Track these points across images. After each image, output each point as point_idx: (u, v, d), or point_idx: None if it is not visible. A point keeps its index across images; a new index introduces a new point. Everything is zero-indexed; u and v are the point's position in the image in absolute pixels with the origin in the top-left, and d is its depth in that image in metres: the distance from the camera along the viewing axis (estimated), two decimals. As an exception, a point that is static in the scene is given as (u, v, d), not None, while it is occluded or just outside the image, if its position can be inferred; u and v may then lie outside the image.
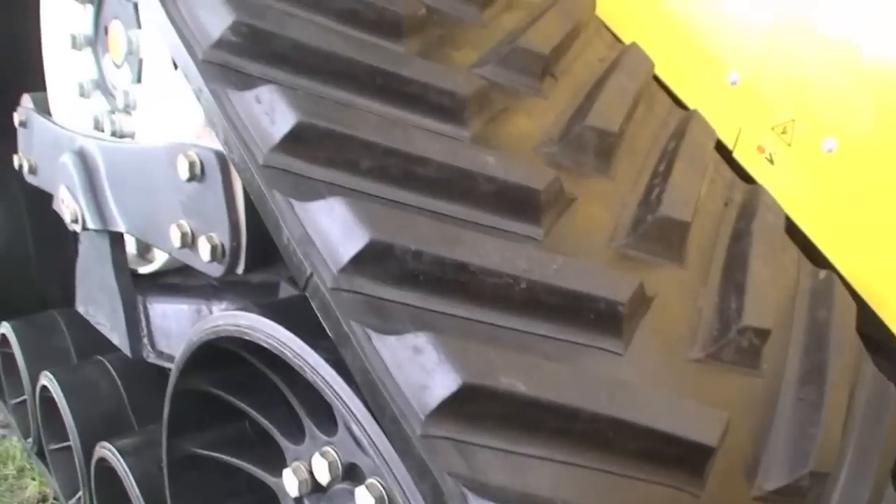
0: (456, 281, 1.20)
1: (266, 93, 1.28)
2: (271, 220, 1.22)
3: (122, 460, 2.12)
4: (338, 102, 1.33)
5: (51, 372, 2.38)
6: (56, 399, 2.33)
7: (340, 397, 1.19)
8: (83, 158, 2.11)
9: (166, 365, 2.17)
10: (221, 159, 1.62)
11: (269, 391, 1.55)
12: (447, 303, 1.20)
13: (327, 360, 1.20)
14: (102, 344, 2.46)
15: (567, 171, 1.50)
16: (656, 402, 1.19)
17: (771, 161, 1.86)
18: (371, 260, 1.16)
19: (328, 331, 1.16)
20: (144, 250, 2.29)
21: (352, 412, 1.18)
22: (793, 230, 1.78)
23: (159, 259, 2.20)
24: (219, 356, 1.56)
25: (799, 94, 1.81)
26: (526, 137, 1.53)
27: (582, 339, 1.26)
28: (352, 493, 1.26)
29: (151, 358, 2.15)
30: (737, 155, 1.91)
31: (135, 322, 2.13)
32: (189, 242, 1.74)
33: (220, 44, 1.34)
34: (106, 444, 2.20)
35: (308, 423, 1.46)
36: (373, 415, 1.14)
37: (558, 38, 1.69)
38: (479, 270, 1.20)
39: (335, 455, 1.39)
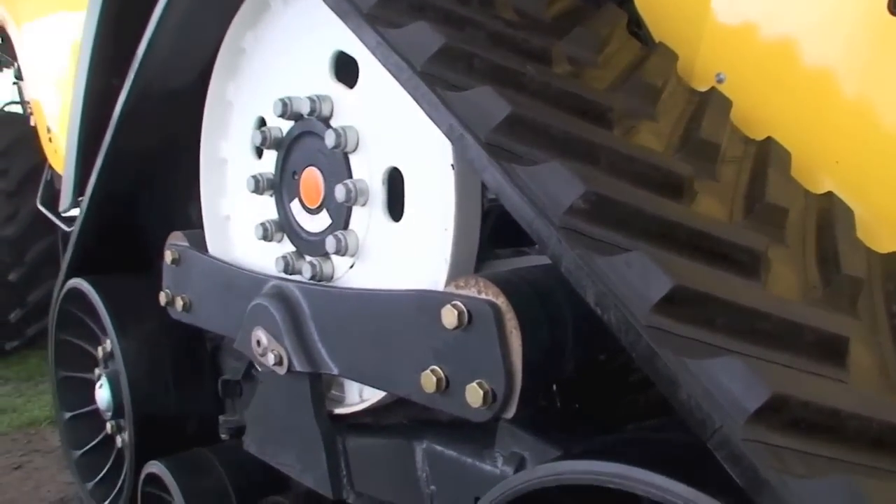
0: (826, 425, 1.33)
1: (636, 258, 1.40)
2: (664, 378, 1.34)
3: None
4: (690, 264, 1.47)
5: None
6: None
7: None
8: (284, 301, 2.16)
9: (365, 507, 2.20)
10: (495, 310, 1.72)
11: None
12: (821, 445, 1.33)
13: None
14: (262, 483, 2.47)
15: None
16: None
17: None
18: (769, 412, 1.29)
19: (737, 478, 1.27)
20: (325, 388, 2.32)
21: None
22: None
23: (362, 399, 2.23)
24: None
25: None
26: (796, 286, 1.69)
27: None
28: None
29: (351, 499, 2.17)
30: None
31: (337, 463, 2.15)
32: (443, 388, 1.81)
33: (572, 211, 1.47)
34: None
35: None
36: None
37: (788, 192, 1.89)
38: (847, 416, 1.34)
39: None
